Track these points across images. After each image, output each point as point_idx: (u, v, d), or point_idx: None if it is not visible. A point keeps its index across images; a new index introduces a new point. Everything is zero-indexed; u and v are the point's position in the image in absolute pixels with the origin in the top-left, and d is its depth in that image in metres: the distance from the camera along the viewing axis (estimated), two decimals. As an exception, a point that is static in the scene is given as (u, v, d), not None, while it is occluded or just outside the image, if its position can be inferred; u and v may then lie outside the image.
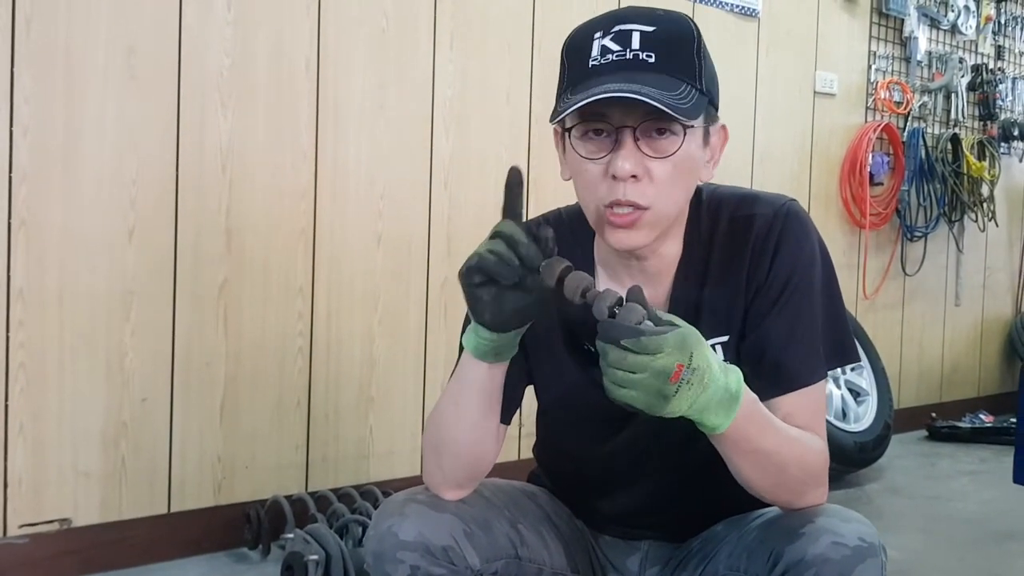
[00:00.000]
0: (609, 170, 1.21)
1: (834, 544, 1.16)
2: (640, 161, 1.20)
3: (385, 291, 2.90)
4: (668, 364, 1.06)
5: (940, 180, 4.58)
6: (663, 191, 1.22)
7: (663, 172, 1.22)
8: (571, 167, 1.28)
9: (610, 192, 1.21)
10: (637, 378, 1.06)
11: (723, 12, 3.74)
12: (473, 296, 1.16)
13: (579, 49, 1.25)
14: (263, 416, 2.68)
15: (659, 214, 1.24)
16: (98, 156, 2.39)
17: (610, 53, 1.22)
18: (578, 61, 1.25)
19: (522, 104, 3.16)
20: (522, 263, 1.13)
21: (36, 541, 2.34)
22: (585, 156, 1.23)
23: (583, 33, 1.26)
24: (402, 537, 1.24)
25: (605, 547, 1.50)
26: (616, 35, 1.22)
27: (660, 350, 1.05)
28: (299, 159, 2.71)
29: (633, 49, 1.21)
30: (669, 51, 1.22)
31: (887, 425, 3.75)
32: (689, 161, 1.24)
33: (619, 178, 1.20)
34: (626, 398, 1.07)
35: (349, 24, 2.78)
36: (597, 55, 1.22)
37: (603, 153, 1.22)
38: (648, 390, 1.06)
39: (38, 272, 2.32)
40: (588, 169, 1.23)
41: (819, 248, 1.33)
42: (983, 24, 4.82)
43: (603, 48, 1.22)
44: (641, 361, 1.05)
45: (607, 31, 1.23)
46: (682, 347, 1.07)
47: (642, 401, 1.07)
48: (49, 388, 2.35)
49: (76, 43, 2.35)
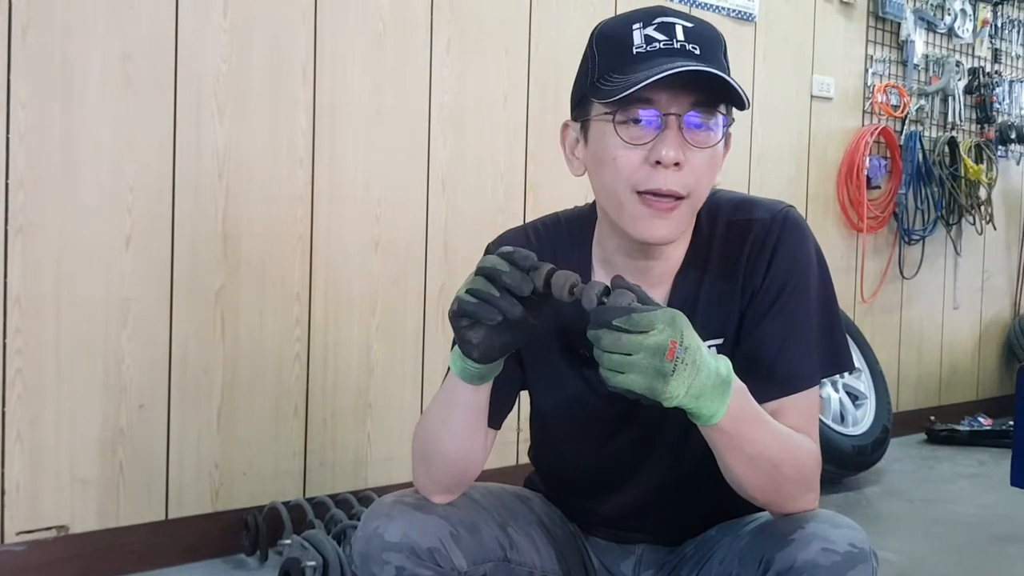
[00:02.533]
0: (651, 156, 1.20)
1: (824, 550, 1.15)
2: (683, 149, 1.20)
3: (383, 297, 2.90)
4: (662, 340, 1.05)
5: (937, 183, 4.59)
6: (699, 181, 1.23)
7: (701, 162, 1.22)
8: (597, 156, 1.26)
9: (649, 179, 1.21)
10: (633, 359, 1.05)
11: (720, 16, 3.74)
12: (462, 338, 1.17)
13: (616, 38, 1.24)
14: (261, 422, 2.68)
15: (692, 205, 1.25)
16: (95, 162, 2.39)
17: (656, 42, 1.21)
18: (617, 49, 1.23)
19: (519, 109, 3.16)
20: (508, 291, 1.13)
21: (33, 548, 2.33)
22: (628, 141, 1.21)
23: (619, 24, 1.26)
24: (388, 538, 1.24)
25: (599, 551, 1.50)
26: (659, 26, 1.22)
27: (652, 326, 1.05)
28: (296, 165, 2.71)
29: (679, 40, 1.21)
30: (710, 48, 1.23)
31: (886, 428, 3.75)
32: (718, 156, 1.26)
33: (663, 164, 1.19)
34: (625, 383, 1.06)
35: (346, 29, 2.79)
36: (642, 43, 1.21)
37: (646, 139, 1.21)
38: (646, 371, 1.06)
39: (35, 279, 2.32)
40: (624, 155, 1.22)
41: (816, 255, 1.32)
42: (980, 27, 4.83)
43: (647, 37, 1.22)
44: (635, 340, 1.05)
45: (647, 22, 1.23)
46: (673, 323, 1.07)
47: (641, 384, 1.06)
48: (46, 395, 2.34)
49: (72, 50, 2.35)
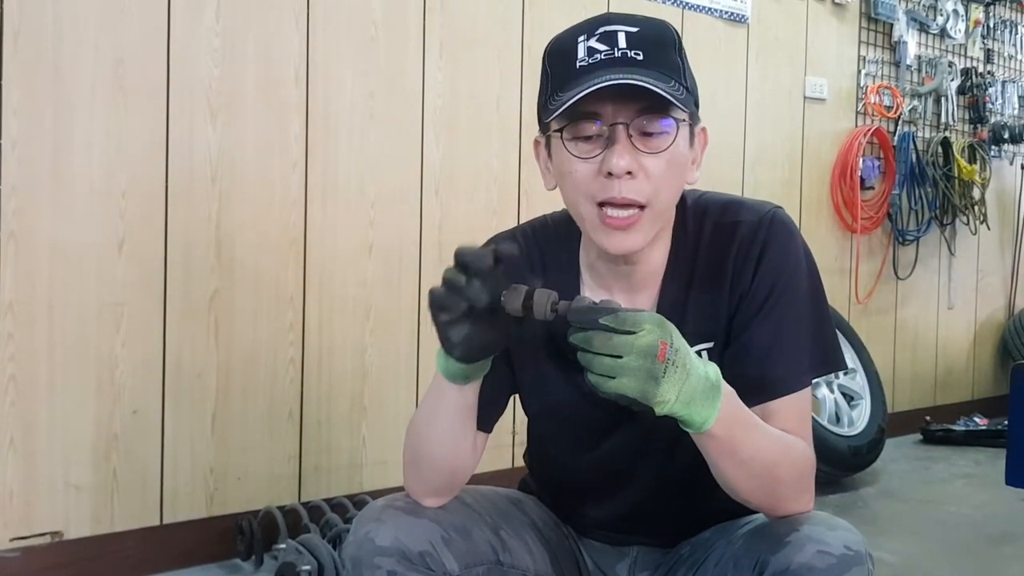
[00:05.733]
0: (603, 168, 1.20)
1: (820, 553, 1.14)
2: (635, 157, 1.20)
3: (377, 300, 2.89)
4: (652, 341, 1.05)
5: (931, 184, 4.60)
6: (659, 186, 1.22)
7: (658, 168, 1.21)
8: (558, 170, 1.26)
9: (603, 190, 1.20)
10: (624, 362, 1.05)
11: (712, 18, 3.75)
12: (443, 336, 1.17)
13: (563, 53, 1.24)
14: (255, 427, 2.67)
15: (656, 211, 1.24)
16: (87, 168, 2.38)
17: (598, 53, 1.20)
18: (563, 64, 1.23)
19: (512, 111, 3.16)
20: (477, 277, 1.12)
21: (27, 555, 2.33)
22: (577, 155, 1.21)
23: (565, 38, 1.25)
24: (379, 543, 1.24)
25: (593, 553, 1.49)
26: (602, 36, 1.22)
27: (640, 326, 1.05)
28: (289, 169, 2.71)
29: (621, 48, 1.20)
30: (655, 50, 1.21)
31: (881, 429, 3.75)
32: (680, 158, 1.24)
33: (615, 175, 1.19)
34: (618, 388, 1.05)
35: (338, 33, 2.78)
36: (584, 56, 1.21)
37: (596, 152, 1.21)
38: (638, 373, 1.05)
39: (27, 285, 2.31)
40: (578, 169, 1.22)
41: (804, 255, 1.31)
42: (972, 28, 4.84)
43: (590, 49, 1.21)
44: (626, 341, 1.05)
45: (591, 33, 1.22)
46: (661, 325, 1.07)
47: (634, 388, 1.05)
48: (39, 401, 2.34)
49: (64, 55, 2.34)
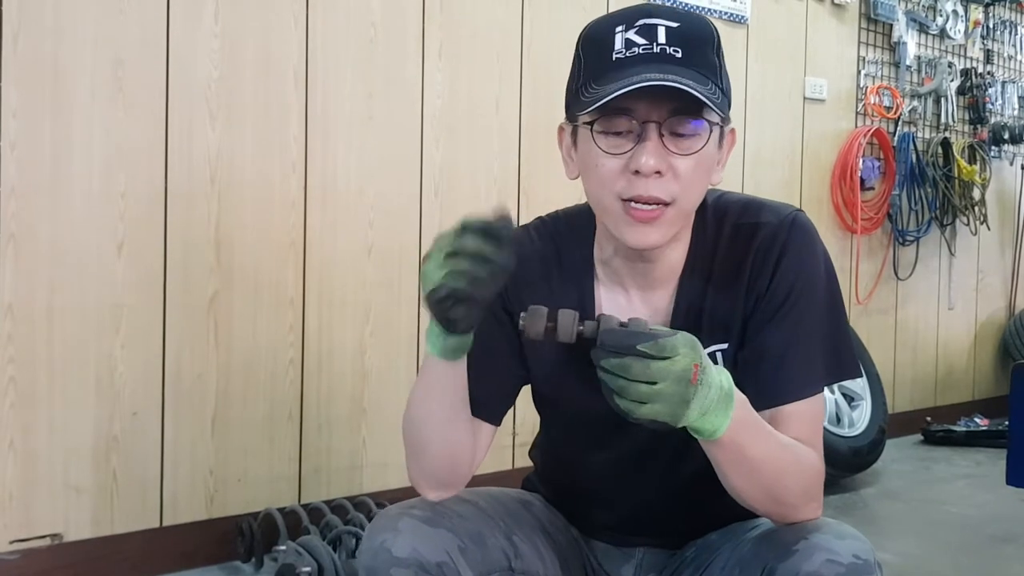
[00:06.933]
0: (631, 165, 1.18)
1: (828, 562, 1.13)
2: (664, 157, 1.19)
3: (376, 302, 2.89)
4: (687, 365, 1.04)
5: (931, 184, 4.60)
6: (686, 186, 1.21)
7: (687, 168, 1.20)
8: (584, 162, 1.25)
9: (630, 187, 1.19)
10: (660, 388, 1.04)
11: (712, 18, 3.72)
12: (447, 320, 1.13)
13: (599, 42, 1.21)
14: (255, 428, 2.67)
15: (681, 210, 1.23)
16: (87, 169, 2.38)
17: (635, 46, 1.18)
18: (598, 54, 1.21)
19: (512, 113, 3.16)
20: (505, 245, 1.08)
21: (27, 557, 2.32)
22: (606, 150, 1.20)
23: (603, 26, 1.23)
24: (396, 553, 1.22)
25: (600, 555, 1.49)
26: (641, 29, 1.19)
27: (676, 351, 1.04)
28: (288, 170, 2.71)
29: (660, 43, 1.18)
30: (694, 48, 1.20)
31: (882, 429, 3.74)
32: (709, 160, 1.23)
33: (642, 173, 1.18)
34: (651, 414, 1.05)
35: (337, 35, 2.78)
36: (621, 48, 1.19)
37: (625, 148, 1.19)
38: (671, 399, 1.04)
39: (27, 286, 2.31)
40: (606, 164, 1.20)
41: (823, 261, 1.30)
42: (971, 28, 4.84)
43: (627, 41, 1.19)
44: (663, 367, 1.04)
45: (630, 25, 1.20)
46: (693, 347, 1.06)
47: (665, 412, 1.05)
48: (39, 403, 2.33)
49: (64, 56, 2.34)
